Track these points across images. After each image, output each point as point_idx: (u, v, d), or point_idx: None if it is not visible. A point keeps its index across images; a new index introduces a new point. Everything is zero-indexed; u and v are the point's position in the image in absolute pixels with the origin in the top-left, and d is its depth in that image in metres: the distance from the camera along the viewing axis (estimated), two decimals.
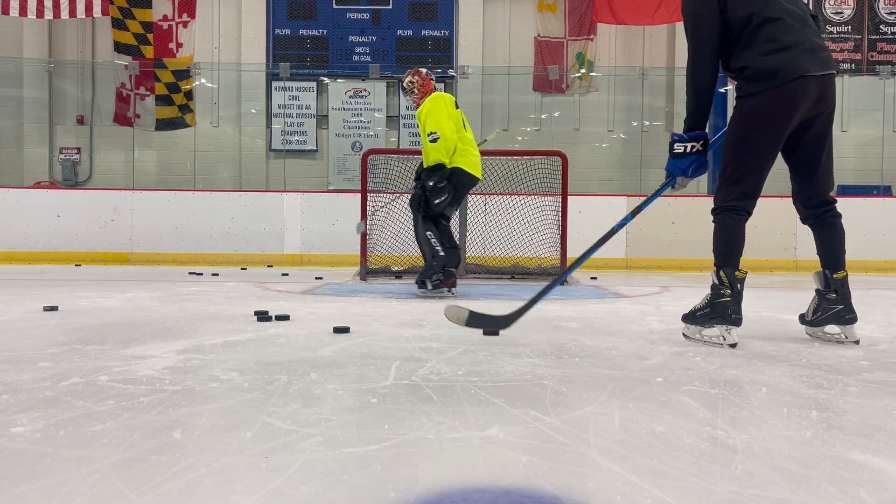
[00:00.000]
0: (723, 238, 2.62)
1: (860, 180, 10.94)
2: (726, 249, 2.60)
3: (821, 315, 2.74)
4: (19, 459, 1.22)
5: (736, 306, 2.56)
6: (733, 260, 2.59)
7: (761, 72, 2.51)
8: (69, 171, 11.25)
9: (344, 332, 2.74)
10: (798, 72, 2.48)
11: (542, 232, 6.22)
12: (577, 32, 11.33)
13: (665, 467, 1.22)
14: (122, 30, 11.21)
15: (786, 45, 2.51)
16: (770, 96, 2.50)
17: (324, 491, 1.10)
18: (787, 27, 2.54)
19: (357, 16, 11.43)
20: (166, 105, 11.14)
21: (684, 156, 2.66)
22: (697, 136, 2.64)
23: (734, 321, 2.55)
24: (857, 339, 2.69)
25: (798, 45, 2.52)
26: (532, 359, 2.24)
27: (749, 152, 2.57)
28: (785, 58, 2.50)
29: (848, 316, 2.69)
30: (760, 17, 2.53)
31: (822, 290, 2.74)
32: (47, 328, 2.80)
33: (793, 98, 2.50)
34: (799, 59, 2.50)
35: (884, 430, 1.47)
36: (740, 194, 2.58)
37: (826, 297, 2.72)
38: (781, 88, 2.49)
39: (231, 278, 5.99)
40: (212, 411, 1.56)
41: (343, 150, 11.33)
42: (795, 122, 2.55)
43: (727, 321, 2.55)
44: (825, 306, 2.72)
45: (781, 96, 2.50)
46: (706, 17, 2.58)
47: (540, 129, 11.54)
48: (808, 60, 2.51)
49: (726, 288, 2.56)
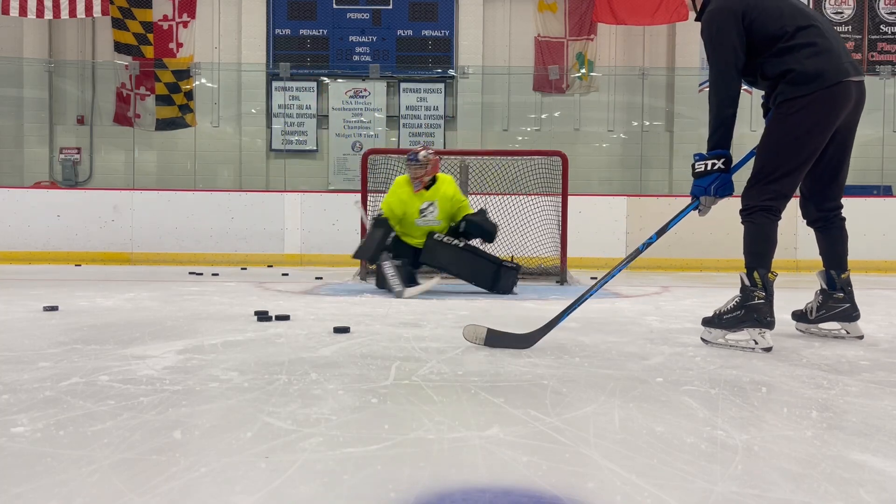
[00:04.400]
0: (758, 238, 2.56)
1: (860, 180, 10.92)
2: (761, 250, 2.55)
3: (825, 313, 2.76)
4: (19, 459, 1.22)
5: (770, 308, 2.49)
6: (767, 260, 2.54)
7: (807, 74, 2.47)
8: (69, 171, 11.25)
9: (344, 332, 2.74)
10: (841, 75, 2.48)
11: (542, 232, 6.21)
12: (578, 32, 11.33)
13: (665, 467, 1.22)
14: (122, 30, 11.21)
15: (826, 49, 2.50)
16: (816, 98, 2.47)
17: (324, 491, 1.10)
18: (822, 32, 2.53)
19: (357, 16, 11.43)
20: (166, 105, 11.14)
21: (706, 174, 2.60)
22: (719, 153, 2.59)
23: (768, 324, 2.48)
24: (861, 335, 2.74)
25: (836, 49, 2.52)
26: (532, 359, 2.24)
27: (793, 152, 2.52)
28: (828, 60, 2.49)
29: (854, 314, 2.73)
30: (793, 26, 2.52)
31: (828, 289, 2.76)
32: (47, 328, 2.80)
33: (838, 101, 2.49)
34: (841, 62, 2.50)
35: (884, 430, 1.47)
36: (776, 193, 2.54)
37: (833, 297, 2.74)
38: (828, 90, 2.47)
39: (231, 278, 5.99)
40: (212, 411, 1.56)
41: (343, 150, 11.33)
42: (836, 125, 2.54)
43: (762, 324, 2.47)
44: (830, 305, 2.75)
45: (828, 98, 2.47)
46: (730, 40, 2.54)
47: (540, 129, 11.54)
48: (848, 65, 2.52)
49: (760, 290, 2.50)
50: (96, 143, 11.47)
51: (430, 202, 4.87)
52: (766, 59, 2.56)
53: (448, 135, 11.35)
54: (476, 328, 2.51)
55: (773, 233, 2.57)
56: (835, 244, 2.76)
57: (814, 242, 2.87)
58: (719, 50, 2.56)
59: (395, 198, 4.86)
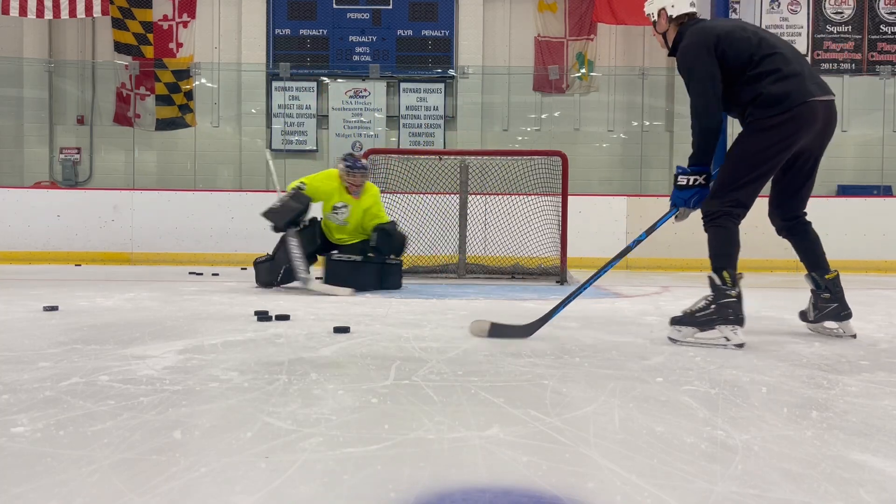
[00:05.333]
0: (724, 240, 2.69)
1: (860, 180, 10.93)
2: (728, 251, 2.68)
3: (819, 313, 2.90)
4: (19, 459, 1.22)
5: (740, 306, 2.61)
6: (734, 260, 2.68)
7: (774, 97, 2.63)
8: (69, 171, 11.24)
9: (344, 332, 2.74)
10: (807, 96, 2.63)
11: (542, 232, 6.21)
12: (578, 32, 11.33)
13: (665, 467, 1.22)
14: (122, 30, 11.21)
15: (791, 73, 2.66)
16: (782, 119, 2.63)
17: (324, 491, 1.10)
18: (787, 58, 2.70)
19: (357, 16, 11.43)
20: (166, 105, 11.14)
21: (687, 188, 2.76)
22: (701, 170, 2.75)
23: (740, 321, 2.59)
24: (854, 334, 2.83)
25: (801, 73, 2.67)
26: (532, 359, 2.24)
27: (753, 166, 2.69)
28: (793, 83, 2.64)
29: (843, 313, 2.83)
30: (759, 54, 2.69)
31: (816, 290, 2.89)
32: (47, 328, 2.80)
33: (804, 120, 2.64)
34: (805, 84, 2.65)
35: (884, 430, 1.47)
36: (736, 202, 2.69)
37: (821, 297, 2.87)
38: (794, 111, 2.62)
39: (231, 278, 5.99)
40: (212, 411, 1.56)
41: (343, 150, 11.30)
42: (800, 144, 2.69)
43: (735, 321, 2.58)
44: (821, 305, 2.87)
45: (794, 118, 2.63)
46: (707, 70, 2.71)
47: (540, 129, 11.54)
48: (814, 86, 2.66)
49: (731, 288, 2.60)
50: (96, 143, 11.46)
51: (346, 204, 5.02)
52: (738, 87, 2.73)
53: (448, 135, 11.35)
54: (480, 323, 2.69)
55: (736, 236, 2.70)
56: (808, 248, 2.91)
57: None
58: (698, 82, 2.73)
59: (323, 185, 4.99)
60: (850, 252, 7.93)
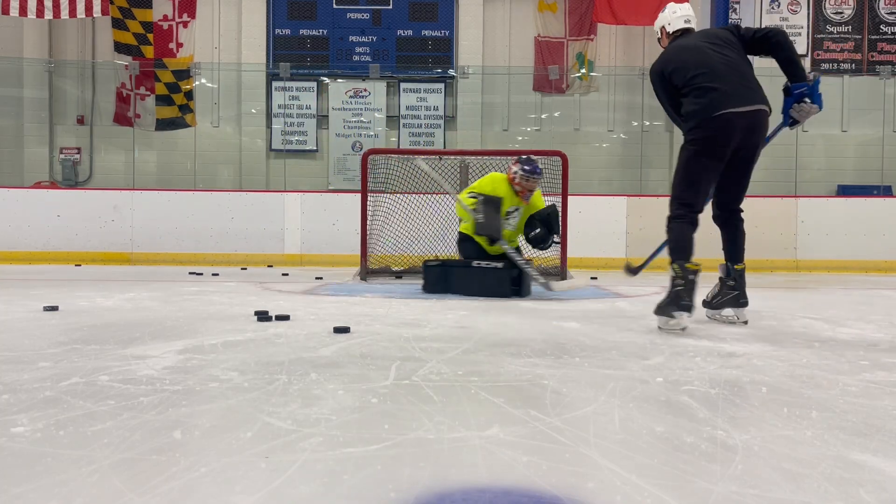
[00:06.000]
0: (674, 238, 3.12)
1: (860, 180, 10.93)
2: (677, 246, 3.09)
3: (720, 299, 3.27)
4: (19, 459, 1.22)
5: (688, 294, 2.92)
6: (684, 254, 3.04)
7: (689, 113, 3.11)
8: (69, 171, 11.25)
9: (344, 332, 2.74)
10: (717, 109, 3.01)
11: None
12: (578, 32, 11.33)
13: (665, 467, 1.22)
14: (122, 30, 11.21)
15: (708, 90, 3.05)
16: (700, 134, 3.06)
17: (324, 491, 1.10)
18: (713, 76, 3.07)
19: (357, 16, 11.43)
20: (166, 105, 11.14)
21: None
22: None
23: (686, 307, 2.92)
24: (746, 321, 3.19)
25: (720, 88, 3.04)
26: (532, 359, 2.24)
27: (689, 175, 3.13)
28: (705, 100, 3.05)
29: (742, 300, 3.22)
30: (690, 75, 3.11)
31: (725, 278, 3.27)
32: (47, 328, 2.80)
33: (718, 132, 3.03)
34: (720, 98, 3.03)
35: (884, 430, 1.47)
36: (684, 207, 3.11)
37: (727, 285, 3.25)
38: (711, 122, 3.02)
39: (231, 278, 5.99)
40: (212, 411, 1.56)
41: (343, 150, 11.33)
42: (731, 148, 3.06)
43: (679, 307, 2.92)
44: (725, 292, 3.26)
45: (711, 129, 3.03)
46: (663, 93, 3.28)
47: (540, 129, 11.54)
48: (734, 99, 3.03)
49: (680, 278, 2.96)
50: (96, 143, 11.47)
51: (517, 207, 4.86)
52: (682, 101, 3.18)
53: (448, 135, 11.35)
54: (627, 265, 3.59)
55: (687, 233, 3.10)
56: (735, 241, 3.28)
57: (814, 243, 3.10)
58: (660, 100, 3.34)
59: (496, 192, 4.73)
60: (850, 252, 7.94)
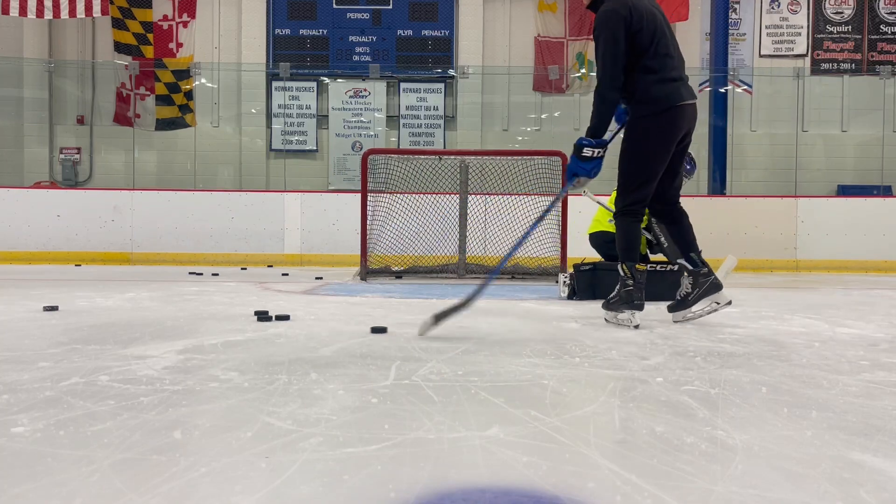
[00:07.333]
0: (623, 238, 3.11)
1: (860, 180, 10.94)
2: (627, 246, 3.09)
3: (699, 291, 3.17)
4: (19, 459, 1.22)
5: (639, 293, 3.00)
6: (633, 254, 3.07)
7: (652, 97, 3.00)
8: (69, 171, 11.25)
9: (381, 332, 2.73)
10: (679, 100, 3.01)
11: (542, 232, 6.20)
12: (578, 32, 11.33)
13: (665, 467, 1.22)
14: (122, 30, 11.22)
15: (672, 78, 3.03)
16: (661, 119, 3.00)
17: (324, 491, 1.10)
18: (674, 63, 3.05)
19: (357, 16, 11.43)
20: (166, 105, 11.15)
21: (591, 159, 3.04)
22: (602, 142, 3.06)
23: (637, 306, 3.01)
24: (730, 300, 3.20)
25: (679, 78, 3.06)
26: (532, 359, 2.24)
27: (644, 165, 3.06)
28: (672, 88, 3.01)
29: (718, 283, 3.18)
30: (656, 49, 2.99)
31: (694, 269, 3.18)
32: (47, 328, 2.80)
33: (677, 120, 3.02)
34: (680, 90, 3.03)
35: (884, 430, 1.47)
36: (634, 201, 3.07)
37: (701, 273, 3.17)
38: (670, 112, 3.00)
39: (231, 278, 5.99)
40: (212, 411, 1.55)
41: (343, 150, 11.33)
42: (677, 141, 3.07)
43: (631, 306, 3.00)
44: (701, 281, 3.17)
45: (670, 118, 3.01)
46: (619, 40, 2.95)
47: (540, 129, 11.54)
48: (686, 92, 3.05)
49: (629, 279, 3.02)
50: (96, 143, 11.47)
51: None
52: (632, 72, 3.00)
53: (448, 135, 11.35)
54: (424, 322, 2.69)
55: (636, 231, 3.11)
56: (685, 232, 3.23)
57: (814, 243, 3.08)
58: (610, 49, 2.96)
59: None
60: (849, 252, 7.93)
